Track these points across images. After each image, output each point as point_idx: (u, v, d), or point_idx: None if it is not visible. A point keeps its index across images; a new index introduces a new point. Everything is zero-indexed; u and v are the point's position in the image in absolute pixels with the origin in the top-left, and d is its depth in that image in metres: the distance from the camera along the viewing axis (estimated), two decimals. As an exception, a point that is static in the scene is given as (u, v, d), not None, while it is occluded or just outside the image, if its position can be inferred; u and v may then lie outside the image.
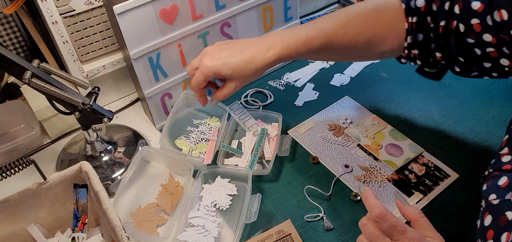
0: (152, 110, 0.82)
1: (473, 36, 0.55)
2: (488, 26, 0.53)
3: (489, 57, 0.56)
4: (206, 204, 0.67)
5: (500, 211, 0.48)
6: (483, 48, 0.55)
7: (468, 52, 0.58)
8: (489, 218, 0.49)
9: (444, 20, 0.58)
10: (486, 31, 0.53)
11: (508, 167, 0.52)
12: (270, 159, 0.73)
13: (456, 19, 0.56)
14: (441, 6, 0.58)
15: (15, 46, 0.93)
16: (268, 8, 0.88)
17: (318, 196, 0.69)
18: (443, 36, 0.59)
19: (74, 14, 0.75)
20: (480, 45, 0.55)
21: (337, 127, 0.81)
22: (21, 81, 0.60)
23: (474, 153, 0.74)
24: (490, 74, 0.59)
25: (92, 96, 0.67)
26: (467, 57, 0.58)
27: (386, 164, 0.73)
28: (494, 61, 0.56)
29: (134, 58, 0.74)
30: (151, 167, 0.76)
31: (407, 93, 0.88)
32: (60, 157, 0.78)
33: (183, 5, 0.75)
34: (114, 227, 0.50)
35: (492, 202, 0.50)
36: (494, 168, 0.54)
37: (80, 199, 0.60)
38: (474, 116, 0.81)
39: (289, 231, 0.62)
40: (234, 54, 0.65)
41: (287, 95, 0.91)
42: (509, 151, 0.54)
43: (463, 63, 0.60)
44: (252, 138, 0.77)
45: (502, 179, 0.51)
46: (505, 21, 0.50)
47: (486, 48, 0.55)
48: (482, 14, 0.53)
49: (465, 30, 0.56)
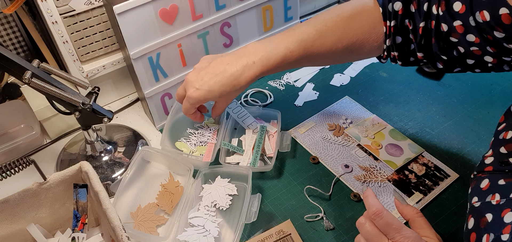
0: (152, 111, 0.82)
1: (456, 36, 0.55)
2: (471, 26, 0.53)
3: (472, 55, 0.56)
4: (206, 204, 0.67)
5: (481, 213, 0.49)
6: (467, 47, 0.55)
7: (450, 51, 0.58)
8: (472, 221, 0.50)
9: (423, 21, 0.58)
10: (469, 32, 0.53)
11: (490, 169, 0.53)
12: (272, 155, 0.73)
13: (435, 19, 0.56)
14: (419, 7, 0.58)
15: (15, 46, 0.93)
16: (268, 8, 0.88)
17: (318, 196, 0.69)
18: (423, 36, 0.59)
19: (74, 14, 0.75)
20: (463, 45, 0.55)
21: (337, 126, 0.81)
22: (21, 81, 0.60)
23: (474, 153, 0.74)
24: (473, 70, 0.59)
25: (92, 96, 0.67)
26: (450, 56, 0.58)
27: (386, 164, 0.73)
28: (477, 58, 0.56)
29: (134, 58, 0.74)
30: (151, 167, 0.76)
31: (407, 93, 0.88)
32: (60, 157, 0.78)
33: (183, 5, 0.75)
34: (114, 227, 0.50)
35: (474, 204, 0.51)
36: (478, 170, 0.55)
37: (80, 199, 0.60)
38: (474, 116, 0.81)
39: (289, 231, 0.62)
40: (215, 78, 0.65)
41: (287, 95, 0.91)
42: (492, 152, 0.54)
43: (445, 60, 0.60)
44: (252, 135, 0.77)
45: (484, 182, 0.52)
46: (487, 22, 0.50)
47: (470, 47, 0.55)
48: (464, 15, 0.53)
49: (448, 30, 0.55)
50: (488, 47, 0.53)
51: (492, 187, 0.50)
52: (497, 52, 0.53)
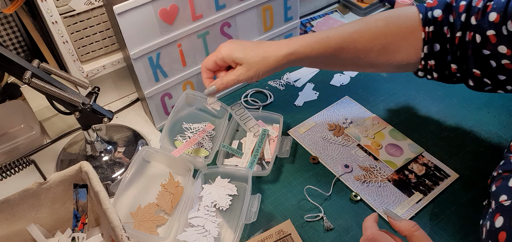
0: (152, 110, 0.82)
1: (489, 47, 0.55)
2: (503, 36, 0.53)
3: (504, 69, 0.56)
4: (206, 204, 0.67)
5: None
6: (498, 60, 0.55)
7: (483, 64, 0.58)
8: (500, 220, 0.48)
9: (460, 31, 0.58)
10: (501, 43, 0.54)
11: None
12: (270, 160, 0.73)
13: (472, 30, 0.57)
14: (457, 17, 0.58)
15: (15, 46, 0.93)
16: (268, 8, 0.88)
17: (318, 196, 0.69)
18: (459, 47, 0.60)
19: (74, 14, 0.75)
20: (495, 57, 0.55)
21: (337, 126, 0.81)
22: (21, 81, 0.60)
23: (474, 153, 0.74)
24: (505, 88, 0.59)
25: (92, 96, 0.67)
26: (483, 69, 0.58)
27: (386, 164, 0.73)
28: (509, 73, 0.56)
29: (134, 58, 0.74)
30: (151, 167, 0.76)
31: (407, 93, 0.88)
32: (60, 157, 0.78)
33: (183, 5, 0.75)
34: (114, 227, 0.50)
35: (503, 203, 0.50)
36: (503, 169, 0.54)
37: (80, 199, 0.60)
38: (474, 116, 0.81)
39: (289, 231, 0.62)
40: (249, 44, 0.67)
41: (287, 95, 0.91)
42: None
43: (477, 76, 0.60)
44: (253, 138, 0.77)
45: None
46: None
47: (501, 60, 0.55)
48: (498, 24, 0.53)
49: (481, 41, 0.56)
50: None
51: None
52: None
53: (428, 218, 0.65)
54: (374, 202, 0.67)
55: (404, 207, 0.66)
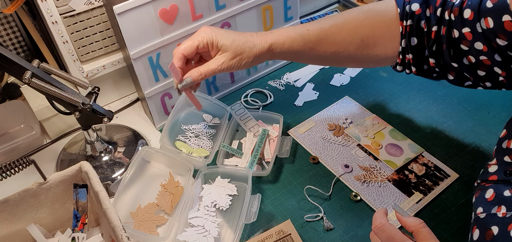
0: (152, 110, 0.82)
1: (466, 44, 0.56)
2: (478, 33, 0.53)
3: (483, 65, 0.56)
4: (206, 204, 0.67)
5: (487, 225, 0.48)
6: (476, 56, 0.55)
7: (461, 59, 0.58)
8: (477, 232, 0.49)
9: (436, 25, 0.58)
10: (477, 39, 0.54)
11: (494, 178, 0.52)
12: (270, 160, 0.73)
13: (447, 25, 0.57)
14: (434, 11, 0.59)
15: (15, 46, 0.93)
16: (268, 8, 0.88)
17: (318, 196, 0.69)
18: (435, 41, 0.60)
19: (74, 14, 0.75)
20: (473, 53, 0.56)
21: (337, 126, 0.81)
22: (21, 81, 0.60)
23: (474, 153, 0.74)
24: (484, 84, 0.59)
25: (92, 96, 0.67)
26: (461, 64, 0.59)
27: (386, 164, 0.73)
28: (487, 69, 0.56)
29: (134, 58, 0.74)
30: (151, 167, 0.76)
31: (407, 93, 0.88)
32: (60, 157, 0.78)
33: (183, 5, 0.75)
34: (114, 227, 0.50)
35: (479, 215, 0.50)
36: (481, 178, 0.54)
37: (80, 199, 0.60)
38: (474, 116, 0.81)
39: (289, 231, 0.62)
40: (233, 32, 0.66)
41: (287, 95, 0.91)
42: (496, 161, 0.54)
43: (457, 70, 0.60)
44: (253, 138, 0.77)
45: (489, 192, 0.51)
46: (491, 29, 0.50)
47: (479, 56, 0.55)
48: (472, 22, 0.53)
49: (458, 36, 0.56)
50: (496, 56, 0.53)
51: (497, 198, 0.49)
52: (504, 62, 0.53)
53: (428, 218, 0.65)
54: (374, 202, 0.67)
55: (404, 207, 0.66)
